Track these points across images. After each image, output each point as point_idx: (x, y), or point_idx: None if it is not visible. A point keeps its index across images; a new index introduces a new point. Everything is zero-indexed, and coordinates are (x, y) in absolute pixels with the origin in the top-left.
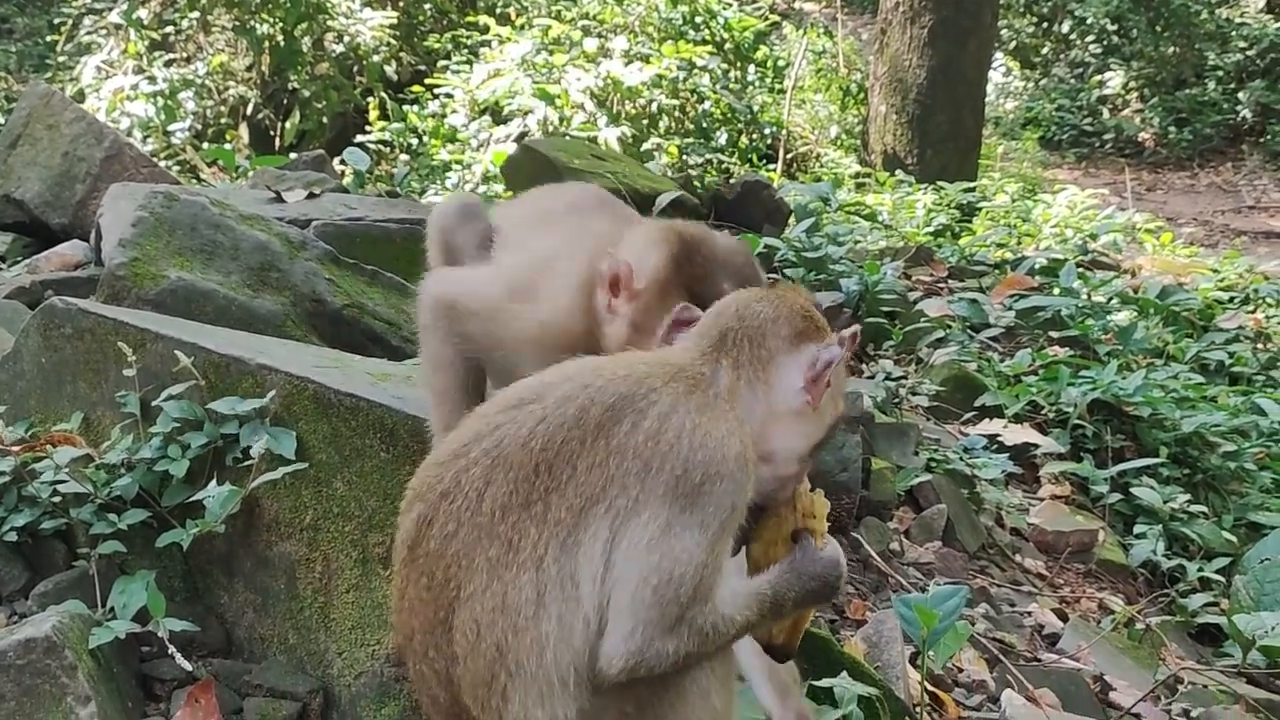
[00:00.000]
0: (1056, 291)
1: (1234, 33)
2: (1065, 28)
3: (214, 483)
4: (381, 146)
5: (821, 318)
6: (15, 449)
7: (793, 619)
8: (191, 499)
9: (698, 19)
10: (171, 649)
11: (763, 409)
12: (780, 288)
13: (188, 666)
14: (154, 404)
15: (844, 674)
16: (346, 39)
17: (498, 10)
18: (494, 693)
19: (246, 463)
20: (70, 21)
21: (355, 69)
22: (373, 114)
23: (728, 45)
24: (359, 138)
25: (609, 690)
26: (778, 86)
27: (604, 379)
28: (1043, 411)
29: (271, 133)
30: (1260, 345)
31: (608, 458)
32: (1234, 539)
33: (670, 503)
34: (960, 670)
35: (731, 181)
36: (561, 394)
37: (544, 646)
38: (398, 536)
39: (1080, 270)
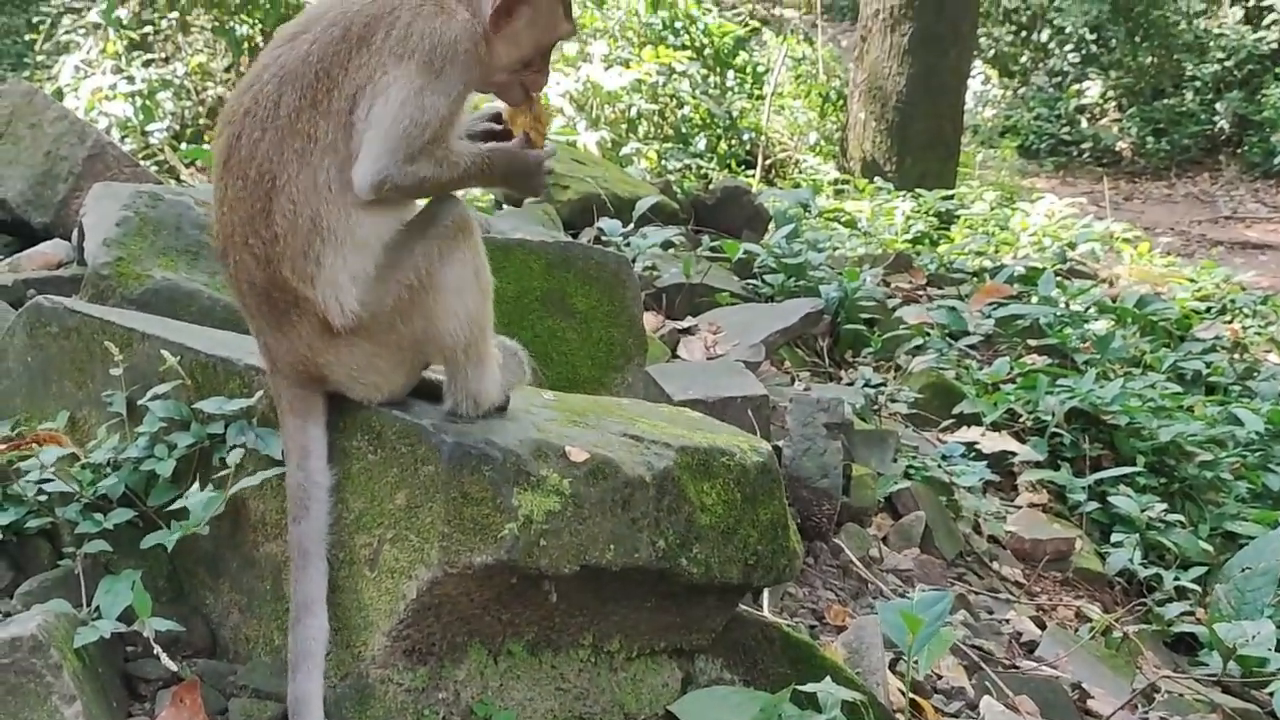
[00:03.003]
0: (1035, 300)
1: (1212, 43)
2: (1044, 36)
3: (199, 483)
4: None
5: None
6: (0, 447)
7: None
8: (177, 499)
9: (678, 24)
10: (157, 649)
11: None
12: None
13: (173, 666)
14: (140, 403)
15: (827, 679)
16: None
17: None
18: (309, 260)
19: (235, 459)
20: (49, 20)
21: None
22: None
23: (707, 51)
24: None
25: (391, 262)
26: (757, 92)
27: (357, 6)
28: (1021, 420)
29: None
30: (1237, 355)
31: (369, 58)
32: (1210, 548)
33: (421, 74)
34: (939, 677)
35: (711, 187)
36: (327, 22)
37: (353, 210)
38: (214, 158)
39: (1058, 279)
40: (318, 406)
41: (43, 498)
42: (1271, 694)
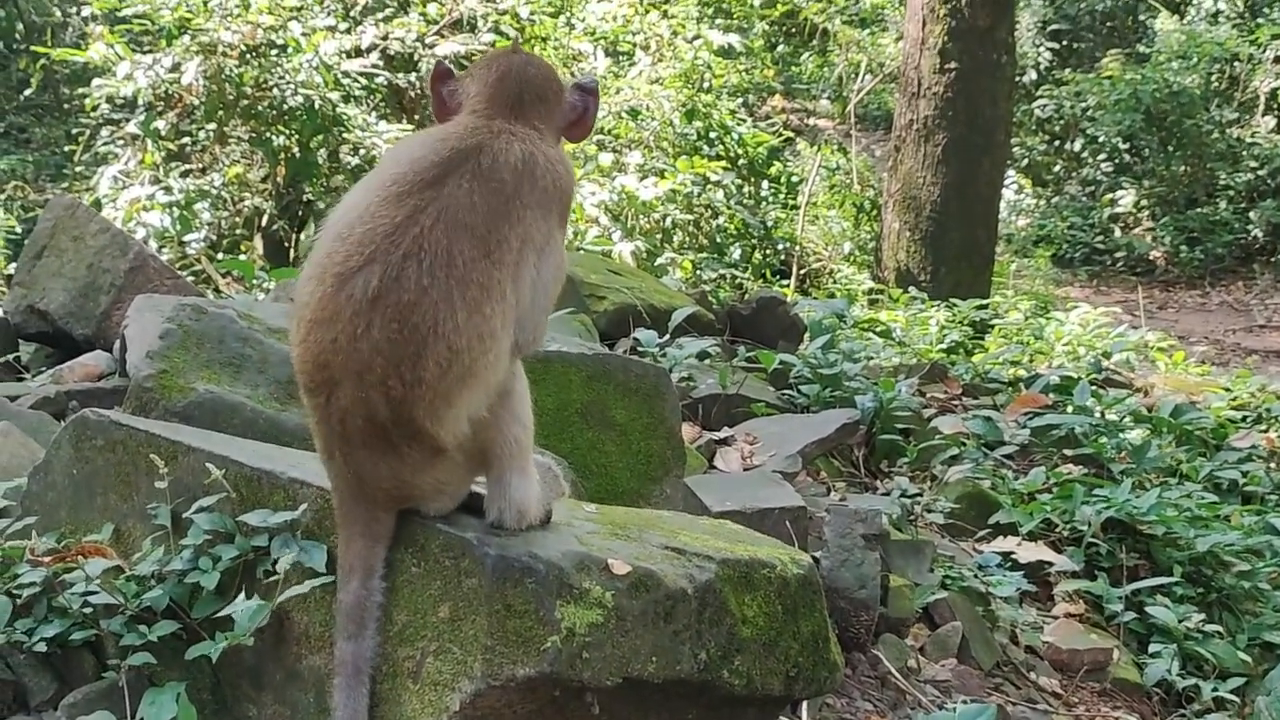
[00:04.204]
0: (1070, 409)
1: (1245, 152)
2: (1077, 146)
3: (244, 595)
4: None
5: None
6: (46, 560)
7: None
8: (221, 611)
9: (712, 135)
10: None
11: None
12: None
13: None
14: (185, 516)
15: None
16: (362, 151)
17: None
18: (446, 403)
19: (277, 576)
20: (88, 132)
21: None
22: None
23: (742, 161)
24: None
25: None
26: (791, 202)
27: (500, 155)
28: (1057, 529)
29: (286, 244)
30: (1273, 465)
31: (523, 211)
32: (1248, 659)
33: (559, 226)
34: None
35: (747, 297)
36: (475, 169)
37: (501, 357)
38: (350, 290)
39: (1094, 388)
40: (390, 527)
41: (88, 610)
42: None
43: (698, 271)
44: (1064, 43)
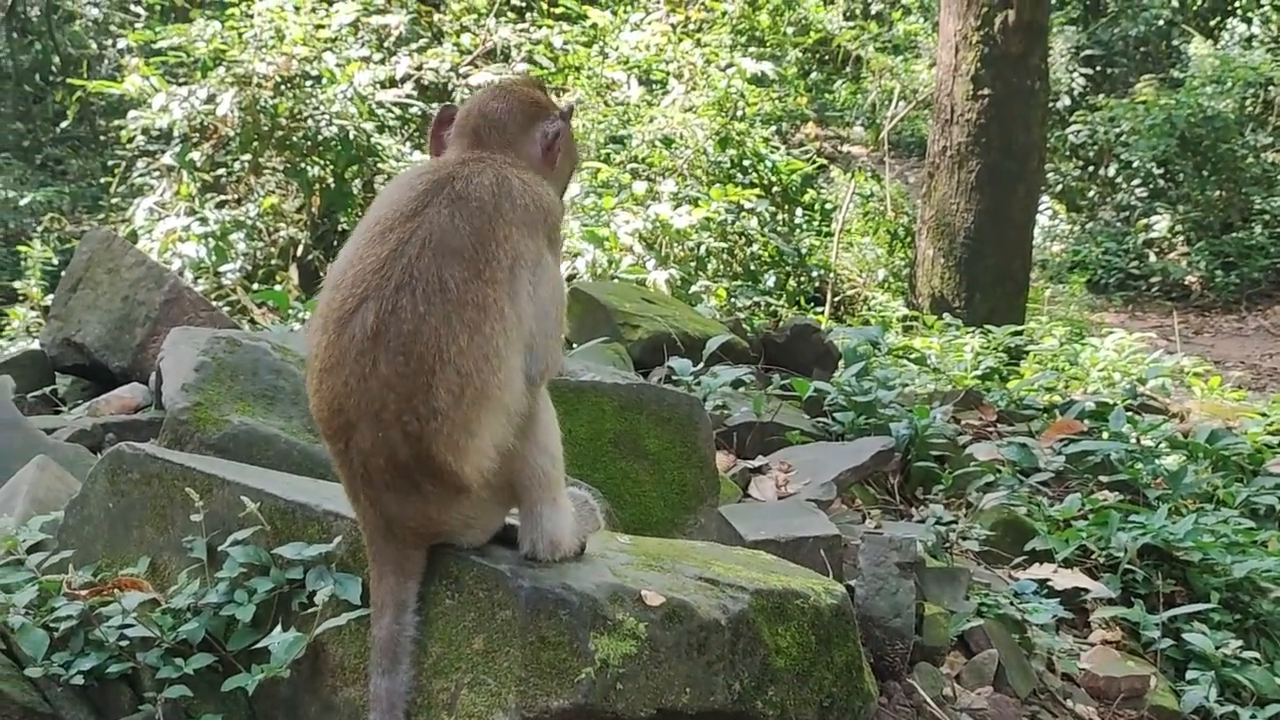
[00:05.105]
0: (1106, 435)
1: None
2: (1112, 171)
3: (279, 627)
4: None
5: (546, 97)
6: (83, 593)
7: None
8: (257, 643)
9: (746, 162)
10: None
11: None
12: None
13: None
14: (220, 549)
15: None
16: None
17: None
18: (466, 433)
19: (312, 608)
20: (123, 164)
21: None
22: None
23: (775, 188)
24: None
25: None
26: (825, 229)
27: (470, 180)
28: (1093, 556)
29: (321, 274)
30: None
31: (507, 228)
32: None
33: (548, 248)
34: None
35: (781, 325)
36: (452, 194)
37: (512, 377)
38: (350, 330)
39: (1129, 414)
40: (421, 563)
41: (124, 643)
42: None
43: (732, 299)
44: (1097, 68)
